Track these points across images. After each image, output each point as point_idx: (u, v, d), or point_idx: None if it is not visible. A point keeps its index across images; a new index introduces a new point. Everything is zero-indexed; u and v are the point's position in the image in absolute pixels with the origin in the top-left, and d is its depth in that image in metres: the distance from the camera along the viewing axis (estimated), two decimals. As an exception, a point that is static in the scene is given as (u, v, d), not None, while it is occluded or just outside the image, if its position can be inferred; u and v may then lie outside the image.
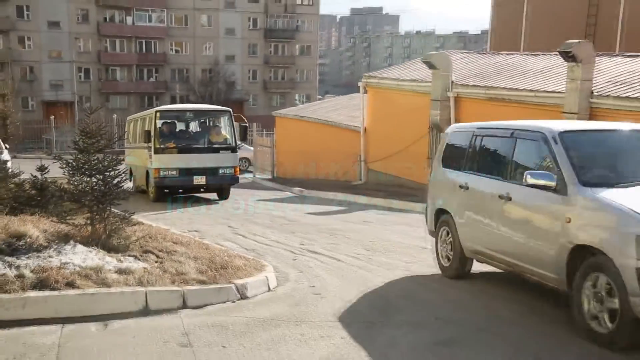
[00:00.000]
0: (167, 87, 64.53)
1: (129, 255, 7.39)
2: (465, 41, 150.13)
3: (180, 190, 17.56)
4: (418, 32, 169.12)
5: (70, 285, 6.21)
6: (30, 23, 59.53)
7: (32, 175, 10.17)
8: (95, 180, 7.88)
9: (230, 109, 18.52)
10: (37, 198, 9.89)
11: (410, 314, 6.44)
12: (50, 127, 39.58)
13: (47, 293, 6.02)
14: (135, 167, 19.38)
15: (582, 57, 14.50)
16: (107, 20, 63.02)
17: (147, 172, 17.35)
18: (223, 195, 18.00)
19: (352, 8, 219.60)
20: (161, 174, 16.60)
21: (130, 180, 19.48)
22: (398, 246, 10.36)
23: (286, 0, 70.39)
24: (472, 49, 73.84)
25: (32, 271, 6.37)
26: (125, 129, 22.05)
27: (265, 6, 69.27)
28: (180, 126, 18.33)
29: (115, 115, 38.33)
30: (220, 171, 17.04)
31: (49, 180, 10.08)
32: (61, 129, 39.32)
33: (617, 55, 18.18)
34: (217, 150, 17.17)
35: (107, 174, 7.88)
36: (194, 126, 18.67)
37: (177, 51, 66.28)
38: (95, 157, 7.90)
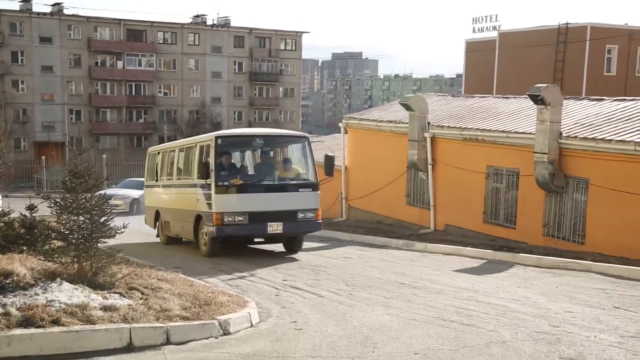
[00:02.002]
0: (156, 128, 65.12)
1: (115, 292, 7.50)
2: (441, 84, 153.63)
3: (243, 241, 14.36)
4: (396, 76, 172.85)
5: (56, 322, 6.30)
6: (24, 67, 60.24)
7: (21, 214, 10.31)
8: (82, 219, 8.03)
9: (308, 135, 15.19)
10: (26, 237, 9.99)
11: (389, 348, 6.58)
12: (41, 167, 39.71)
13: (32, 330, 6.11)
14: (168, 211, 16.21)
15: (550, 100, 14.94)
16: (99, 64, 63.92)
17: (198, 218, 13.78)
18: (295, 246, 14.27)
19: (333, 53, 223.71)
20: (225, 220, 12.84)
21: (155, 227, 17.52)
22: (377, 282, 10.52)
23: (270, 46, 71.94)
24: (448, 92, 75.33)
25: (18, 309, 6.46)
26: (147, 161, 19.15)
27: (250, 51, 70.60)
28: (246, 157, 15.24)
29: (105, 155, 38.54)
30: (300, 215, 13.36)
31: (38, 219, 10.21)
32: (52, 168, 39.40)
33: (583, 98, 18.79)
34: (295, 188, 13.55)
35: (94, 212, 8.03)
36: (264, 157, 14.82)
37: (165, 93, 67.22)
38: (83, 197, 8.06)
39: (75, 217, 8.02)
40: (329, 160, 14.22)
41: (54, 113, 60.57)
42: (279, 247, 14.66)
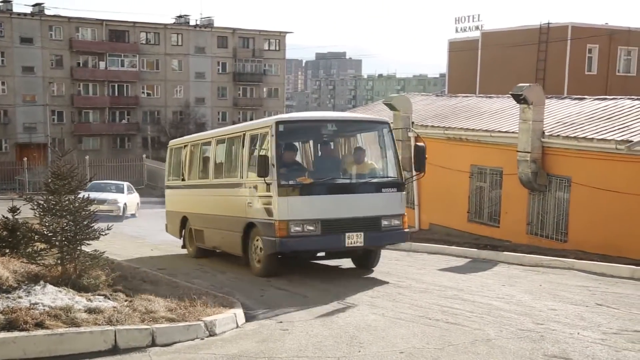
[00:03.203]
0: (139, 129, 64.73)
1: (99, 295, 7.46)
2: (424, 84, 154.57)
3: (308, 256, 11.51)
4: (380, 76, 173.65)
5: (40, 325, 6.25)
6: (5, 68, 59.63)
7: (3, 216, 10.21)
8: (66, 221, 7.98)
9: (389, 120, 11.99)
10: (8, 239, 9.88)
11: (375, 348, 6.60)
12: (23, 169, 39.40)
13: (15, 334, 6.05)
14: (200, 218, 13.46)
15: (532, 99, 15.09)
16: (81, 65, 63.39)
17: (248, 227, 11.08)
18: (370, 261, 11.61)
19: (317, 53, 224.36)
20: (291, 230, 10.07)
21: (180, 236, 14.74)
22: (361, 281, 10.53)
23: (254, 46, 71.84)
24: (431, 92, 75.76)
25: (0, 312, 6.40)
26: (167, 158, 16.35)
27: (234, 51, 70.43)
28: (313, 148, 12.06)
29: (88, 157, 38.28)
30: (384, 223, 10.62)
31: (21, 222, 10.12)
32: (34, 170, 39.11)
33: (565, 97, 19.02)
34: (377, 188, 10.75)
35: (78, 214, 7.99)
36: (336, 148, 11.96)
37: (148, 94, 66.84)
38: (67, 198, 8.01)
39: (59, 219, 7.97)
40: (420, 152, 11.19)
41: (35, 114, 60.02)
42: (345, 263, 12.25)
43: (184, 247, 14.75)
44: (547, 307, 8.48)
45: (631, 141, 13.25)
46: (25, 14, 61.06)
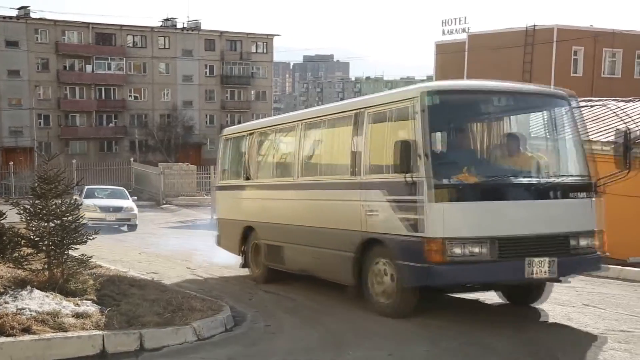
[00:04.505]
0: (127, 132, 64.44)
1: (87, 299, 7.43)
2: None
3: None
4: (368, 78, 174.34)
5: (27, 331, 6.24)
6: (-11, 72, 59.27)
7: (-12, 221, 10.14)
8: (53, 225, 7.94)
9: (572, 93, 8.46)
10: (-6, 244, 9.84)
11: (363, 350, 6.61)
12: (9, 173, 39.11)
13: (2, 339, 6.04)
14: (278, 229, 10.17)
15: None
16: (67, 68, 63.02)
17: (367, 245, 8.13)
18: (533, 294, 8.48)
19: (304, 55, 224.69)
20: (451, 252, 7.08)
21: (240, 252, 11.48)
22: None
23: (241, 49, 71.73)
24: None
25: (-13, 318, 6.38)
26: (220, 151, 12.91)
27: (222, 54, 70.32)
28: (475, 131, 8.60)
29: (75, 160, 38.06)
30: (573, 243, 7.61)
31: (7, 226, 10.06)
32: (20, 174, 38.82)
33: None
34: (565, 192, 7.74)
35: (65, 218, 7.95)
36: (505, 132, 8.52)
37: (136, 97, 66.54)
38: (54, 203, 7.98)
39: (46, 224, 7.93)
40: (628, 140, 7.97)
41: (21, 118, 59.61)
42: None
43: (244, 266, 11.43)
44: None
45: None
46: (10, 17, 60.65)
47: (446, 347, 6.67)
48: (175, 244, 17.39)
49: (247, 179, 11.35)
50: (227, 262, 12.33)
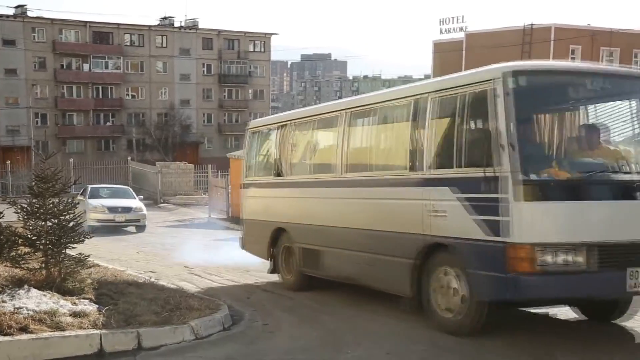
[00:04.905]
0: (124, 131, 64.41)
1: (84, 298, 7.42)
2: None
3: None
4: (365, 77, 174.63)
5: (24, 330, 6.22)
6: (-14, 71, 59.22)
7: (-15, 220, 10.11)
8: (50, 224, 7.93)
9: None
10: (-9, 243, 9.82)
11: (362, 349, 6.61)
12: (6, 172, 39.07)
13: (-1, 338, 6.03)
14: (315, 231, 9.25)
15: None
16: (64, 67, 62.98)
17: (430, 251, 7.19)
18: (610, 310, 7.45)
19: (302, 54, 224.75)
20: (542, 260, 6.11)
21: (269, 257, 10.51)
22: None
23: (239, 47, 71.74)
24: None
25: (-16, 317, 6.36)
26: (247, 145, 11.88)
27: (219, 53, 70.32)
28: (565, 120, 7.59)
29: (72, 159, 38.04)
30: None
31: (4, 225, 10.04)
32: (17, 173, 38.77)
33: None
34: None
35: (63, 217, 7.94)
36: (594, 122, 7.40)
37: (133, 96, 66.53)
38: (51, 202, 7.97)
39: (43, 223, 7.92)
40: None
41: (18, 117, 59.48)
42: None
43: (274, 271, 10.47)
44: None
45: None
46: (7, 16, 60.57)
47: (444, 346, 6.66)
48: (174, 243, 17.40)
49: (279, 175, 10.35)
50: (225, 263, 12.34)
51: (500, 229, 6.19)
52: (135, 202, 22.26)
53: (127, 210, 21.29)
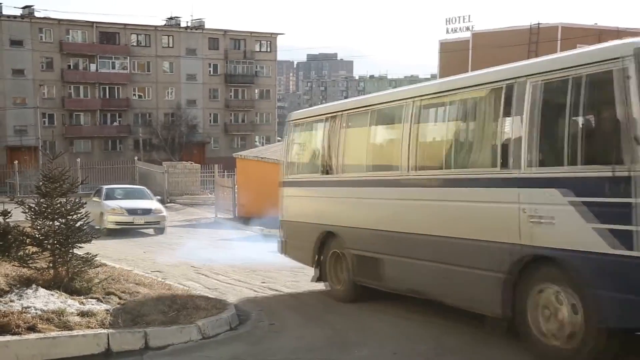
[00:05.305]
0: (131, 131, 64.58)
1: (92, 298, 7.46)
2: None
3: None
4: (371, 77, 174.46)
5: (32, 329, 6.26)
6: (-5, 71, 59.48)
7: (-6, 220, 10.15)
8: (58, 223, 7.96)
9: None
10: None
11: (368, 349, 6.61)
12: (14, 172, 39.24)
13: (7, 338, 6.06)
14: (373, 237, 8.18)
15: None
16: (71, 67, 63.17)
17: (527, 264, 6.14)
18: None
19: (308, 54, 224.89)
20: None
21: (313, 264, 9.54)
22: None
23: (245, 47, 71.80)
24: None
25: (-8, 316, 6.40)
26: (287, 139, 10.76)
27: (225, 53, 70.40)
28: None
29: (79, 159, 38.18)
30: None
31: (12, 225, 10.09)
32: (25, 173, 38.94)
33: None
34: None
35: (70, 217, 7.97)
36: None
37: (140, 96, 66.69)
38: (58, 201, 8.00)
39: (51, 222, 7.96)
40: None
41: (26, 117, 59.71)
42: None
43: (319, 279, 9.53)
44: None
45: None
46: (15, 17, 60.82)
47: (451, 345, 6.66)
48: (181, 243, 17.45)
49: (327, 173, 9.28)
50: (232, 263, 12.35)
51: (634, 240, 5.09)
52: (154, 204, 21.35)
53: (147, 212, 20.30)
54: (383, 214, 8.04)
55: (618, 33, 36.75)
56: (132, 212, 20.04)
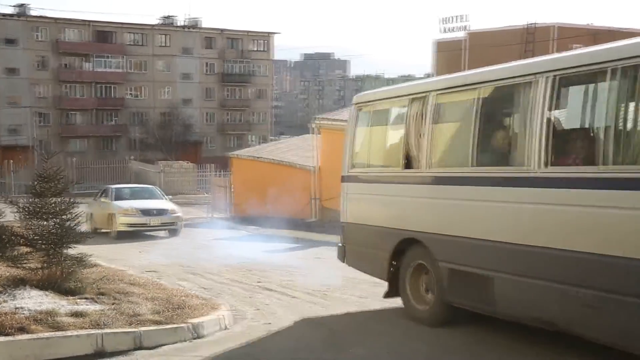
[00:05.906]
0: (126, 130, 64.54)
1: (85, 298, 7.42)
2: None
3: None
4: (368, 76, 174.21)
5: (23, 330, 6.21)
6: (-12, 70, 59.24)
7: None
8: (51, 223, 7.92)
9: None
10: (-8, 243, 9.80)
11: (364, 349, 6.59)
12: (8, 171, 39.14)
13: (0, 339, 6.01)
14: (478, 249, 6.51)
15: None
16: (66, 66, 63.02)
17: None
18: None
19: (304, 54, 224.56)
20: None
21: (387, 277, 8.04)
22: (351, 282, 10.50)
23: (241, 47, 71.79)
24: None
25: (-16, 317, 6.36)
26: (352, 125, 8.96)
27: (221, 52, 70.37)
28: None
29: (74, 159, 38.11)
30: None
31: (5, 225, 10.03)
32: (19, 173, 38.86)
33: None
34: None
35: (64, 217, 7.93)
36: None
37: (135, 95, 66.58)
38: (52, 201, 7.95)
39: (45, 222, 7.91)
40: None
41: (20, 116, 59.57)
42: None
43: (392, 295, 8.02)
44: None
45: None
46: (10, 15, 60.63)
47: (448, 346, 6.64)
48: (176, 243, 17.42)
49: (408, 167, 7.62)
50: (226, 263, 12.31)
51: None
52: (168, 204, 20.18)
53: (162, 212, 19.11)
54: (493, 220, 6.38)
55: (612, 33, 36.87)
56: (146, 212, 18.88)
